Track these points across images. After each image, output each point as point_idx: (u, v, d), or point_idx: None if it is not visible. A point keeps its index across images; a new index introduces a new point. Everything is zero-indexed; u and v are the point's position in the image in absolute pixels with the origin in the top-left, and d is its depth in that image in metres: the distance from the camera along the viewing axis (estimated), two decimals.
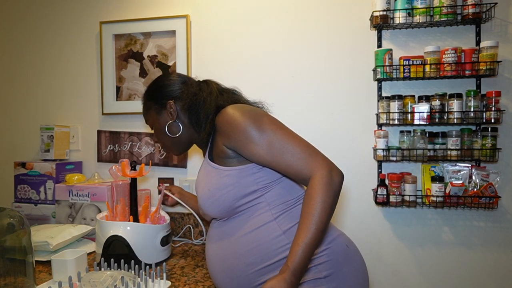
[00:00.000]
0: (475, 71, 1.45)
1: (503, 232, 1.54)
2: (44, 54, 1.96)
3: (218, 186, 0.96)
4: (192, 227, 1.73)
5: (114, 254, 1.23)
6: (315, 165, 0.87)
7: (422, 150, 1.48)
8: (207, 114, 1.00)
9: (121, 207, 1.32)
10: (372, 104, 1.62)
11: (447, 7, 1.45)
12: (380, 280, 1.63)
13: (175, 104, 1.09)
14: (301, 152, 0.88)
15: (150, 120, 1.15)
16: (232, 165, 0.97)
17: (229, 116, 0.94)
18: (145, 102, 1.16)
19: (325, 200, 0.83)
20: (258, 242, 0.94)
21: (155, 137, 1.18)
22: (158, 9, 1.80)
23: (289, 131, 0.92)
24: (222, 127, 0.96)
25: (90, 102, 1.91)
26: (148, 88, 1.16)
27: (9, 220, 0.97)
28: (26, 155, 1.99)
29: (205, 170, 1.03)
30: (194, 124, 1.06)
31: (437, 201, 1.48)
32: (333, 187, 0.85)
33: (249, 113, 0.93)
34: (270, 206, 0.95)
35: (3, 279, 0.93)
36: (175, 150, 1.15)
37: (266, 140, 0.90)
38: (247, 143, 0.91)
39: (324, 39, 1.66)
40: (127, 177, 1.32)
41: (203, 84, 1.09)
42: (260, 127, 0.91)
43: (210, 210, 1.00)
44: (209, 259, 1.05)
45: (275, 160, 0.89)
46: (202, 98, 1.03)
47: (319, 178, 0.85)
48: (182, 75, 1.16)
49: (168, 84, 1.12)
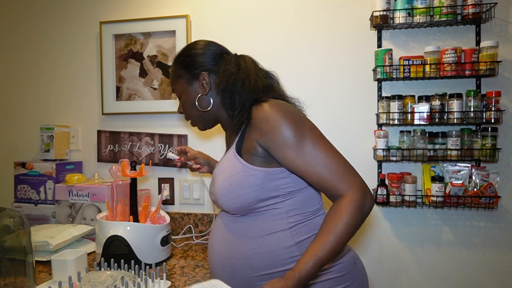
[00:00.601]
0: (475, 71, 1.45)
1: (503, 232, 1.54)
2: (44, 54, 1.96)
3: (241, 184, 0.91)
4: (192, 227, 1.73)
5: (114, 254, 1.23)
6: (349, 184, 0.84)
7: (422, 150, 1.48)
8: (243, 101, 0.95)
9: (121, 207, 1.33)
10: (372, 104, 1.62)
11: (447, 7, 1.45)
12: (380, 280, 1.63)
13: (209, 76, 1.02)
14: (337, 168, 0.85)
15: (178, 89, 1.08)
16: (259, 165, 0.92)
17: (269, 114, 0.88)
18: (175, 69, 1.07)
19: (351, 223, 0.81)
20: (268, 248, 0.91)
21: (181, 107, 1.11)
22: (158, 9, 1.80)
23: (328, 143, 0.89)
24: (259, 123, 0.90)
25: (90, 102, 1.91)
26: (180, 54, 1.08)
27: (9, 220, 0.97)
28: (26, 155, 1.99)
29: (229, 161, 0.96)
30: (227, 106, 0.99)
31: (437, 201, 1.48)
32: (363, 212, 0.83)
33: (291, 116, 0.89)
34: (287, 214, 0.92)
35: (3, 279, 0.93)
36: (200, 124, 1.09)
37: (303, 147, 0.86)
38: (283, 146, 0.87)
39: (324, 39, 1.66)
40: (127, 177, 1.32)
41: (241, 62, 1.01)
42: (300, 133, 0.87)
43: (226, 205, 0.95)
44: (212, 251, 1.02)
45: (308, 170, 0.86)
46: (240, 81, 0.96)
47: (351, 199, 0.82)
48: (219, 46, 1.08)
49: (203, 53, 1.04)
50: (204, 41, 1.08)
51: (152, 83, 1.81)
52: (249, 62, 1.03)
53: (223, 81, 0.98)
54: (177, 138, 1.79)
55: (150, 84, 1.82)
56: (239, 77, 0.97)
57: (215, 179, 0.99)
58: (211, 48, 1.05)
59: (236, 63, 1.01)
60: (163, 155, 1.80)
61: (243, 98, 0.95)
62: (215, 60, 1.03)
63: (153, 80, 1.81)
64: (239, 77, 0.97)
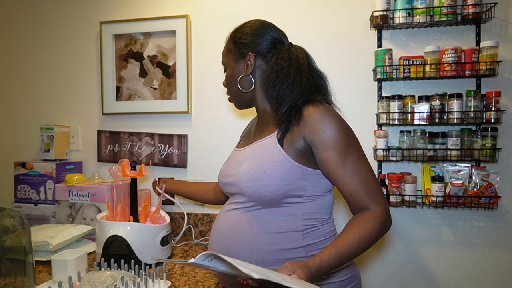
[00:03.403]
0: (475, 71, 1.45)
1: (503, 232, 1.54)
2: (44, 54, 1.96)
3: (276, 174, 0.90)
4: (192, 227, 1.73)
5: (114, 254, 1.23)
6: (379, 203, 0.89)
7: (422, 150, 1.48)
8: (293, 100, 0.93)
9: (121, 207, 1.33)
10: (372, 104, 1.62)
11: (447, 7, 1.45)
12: (380, 280, 1.63)
13: (255, 59, 1.01)
14: (373, 185, 0.90)
15: (226, 62, 1.08)
16: (297, 160, 0.91)
17: (325, 115, 0.90)
18: (228, 41, 1.07)
19: (375, 234, 0.86)
20: (278, 246, 0.92)
21: (224, 80, 1.11)
22: (158, 9, 1.80)
23: (368, 162, 0.93)
24: (313, 120, 0.89)
25: (90, 102, 1.91)
26: (237, 29, 1.07)
27: (9, 220, 0.97)
28: (26, 155, 1.99)
29: (267, 148, 0.94)
30: (272, 100, 0.97)
31: (437, 201, 1.48)
32: (384, 230, 0.88)
33: (345, 125, 0.92)
34: (303, 217, 0.94)
35: (3, 279, 0.93)
36: (237, 103, 1.09)
37: (349, 157, 0.89)
38: (331, 148, 0.88)
39: (324, 39, 1.66)
40: (127, 177, 1.32)
41: (293, 55, 0.98)
42: (350, 143, 0.90)
43: (251, 190, 0.93)
44: (217, 237, 1.01)
45: (347, 179, 0.89)
46: (290, 77, 0.94)
47: (379, 214, 0.87)
48: (278, 31, 1.05)
49: (256, 33, 1.02)
50: (262, 22, 1.05)
51: (152, 83, 1.81)
52: (302, 57, 0.99)
53: (272, 74, 0.96)
54: (177, 138, 1.79)
55: (150, 84, 1.82)
56: (290, 73, 0.95)
57: (241, 162, 0.98)
58: (267, 32, 1.02)
59: (289, 57, 0.97)
60: (163, 155, 1.80)
61: (293, 96, 0.94)
62: (266, 45, 1.01)
63: (153, 80, 1.81)
64: (290, 72, 0.95)
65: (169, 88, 1.79)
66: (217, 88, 1.75)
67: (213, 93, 1.76)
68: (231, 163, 1.05)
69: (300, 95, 0.94)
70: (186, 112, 1.77)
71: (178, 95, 1.77)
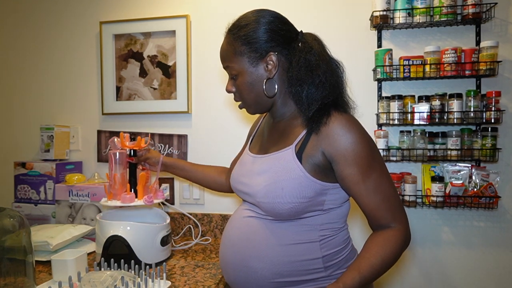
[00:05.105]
0: (475, 71, 1.45)
1: (503, 232, 1.54)
2: (44, 54, 1.96)
3: (295, 193, 0.86)
4: (192, 227, 1.73)
5: (114, 254, 1.23)
6: (401, 221, 0.87)
7: (422, 150, 1.48)
8: (323, 98, 0.86)
9: (121, 177, 1.29)
10: (372, 104, 1.62)
11: (447, 7, 1.45)
12: (380, 280, 1.63)
13: (278, 58, 0.90)
14: (395, 203, 0.87)
15: (236, 68, 0.92)
16: (316, 176, 0.87)
17: (348, 129, 0.84)
18: (234, 42, 0.92)
19: (396, 254, 0.84)
20: (295, 257, 0.89)
21: (232, 86, 0.97)
22: (158, 9, 1.80)
23: (391, 178, 0.90)
24: (334, 135, 0.84)
25: (90, 102, 1.91)
26: (242, 27, 0.92)
27: (9, 220, 0.97)
28: (26, 155, 1.99)
29: (285, 162, 0.88)
30: (300, 100, 0.88)
31: (437, 201, 1.48)
32: (405, 248, 0.87)
33: (369, 140, 0.87)
34: (320, 227, 0.91)
35: (3, 279, 0.93)
36: (253, 108, 0.97)
37: (371, 174, 0.85)
38: (353, 164, 0.84)
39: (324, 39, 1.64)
40: (126, 148, 1.31)
41: (315, 47, 0.90)
42: (373, 159, 0.86)
43: (269, 207, 0.88)
44: (230, 248, 0.96)
45: (368, 196, 0.85)
46: (321, 73, 0.87)
47: (402, 233, 0.86)
48: (282, 17, 0.95)
49: (271, 29, 0.90)
50: (272, 14, 0.94)
51: (152, 83, 1.81)
52: (322, 47, 0.92)
53: (301, 72, 0.87)
54: (177, 138, 1.79)
55: (150, 84, 1.82)
56: (320, 68, 0.87)
57: (257, 174, 0.93)
58: (280, 26, 0.92)
59: (315, 50, 0.89)
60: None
61: (324, 94, 0.87)
62: (283, 40, 0.91)
63: (153, 80, 1.81)
64: (320, 68, 0.87)
65: (169, 88, 1.79)
66: (217, 88, 1.75)
67: (213, 93, 1.76)
68: (245, 170, 0.99)
69: (329, 92, 0.87)
70: (186, 112, 1.77)
71: (178, 95, 1.77)
